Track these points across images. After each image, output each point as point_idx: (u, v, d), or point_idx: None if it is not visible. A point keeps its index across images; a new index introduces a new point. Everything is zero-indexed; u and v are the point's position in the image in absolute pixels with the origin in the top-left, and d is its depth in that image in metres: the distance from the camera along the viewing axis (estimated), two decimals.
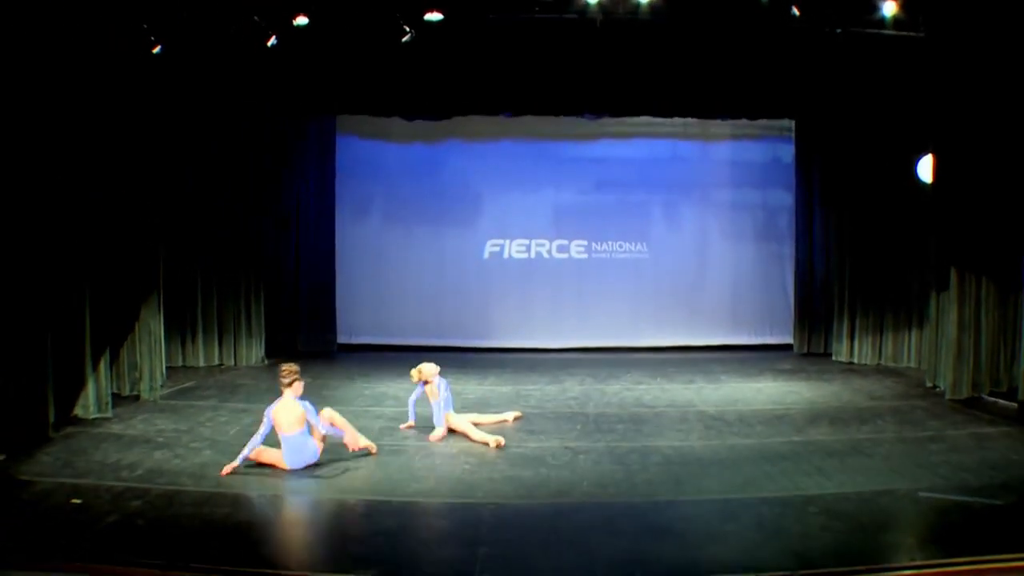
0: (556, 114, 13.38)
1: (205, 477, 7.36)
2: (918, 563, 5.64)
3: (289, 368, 7.66)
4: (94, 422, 9.16)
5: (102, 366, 9.47)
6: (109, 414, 9.42)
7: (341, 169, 14.34)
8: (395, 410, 9.82)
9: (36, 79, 8.42)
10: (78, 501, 6.65)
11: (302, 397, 7.63)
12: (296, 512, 6.55)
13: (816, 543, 5.92)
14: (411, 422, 9.11)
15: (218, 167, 12.80)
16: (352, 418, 8.30)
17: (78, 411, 9.20)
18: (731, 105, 12.94)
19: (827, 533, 6.11)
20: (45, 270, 8.56)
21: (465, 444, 8.54)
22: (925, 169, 11.72)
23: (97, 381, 9.37)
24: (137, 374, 10.43)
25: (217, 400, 10.50)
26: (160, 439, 8.59)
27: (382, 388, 10.96)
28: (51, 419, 8.53)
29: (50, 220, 8.62)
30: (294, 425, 7.51)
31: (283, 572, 5.40)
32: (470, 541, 5.95)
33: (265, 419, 7.53)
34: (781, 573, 5.43)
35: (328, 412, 7.87)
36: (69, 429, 8.82)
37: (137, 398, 10.36)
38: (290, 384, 7.58)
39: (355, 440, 7.80)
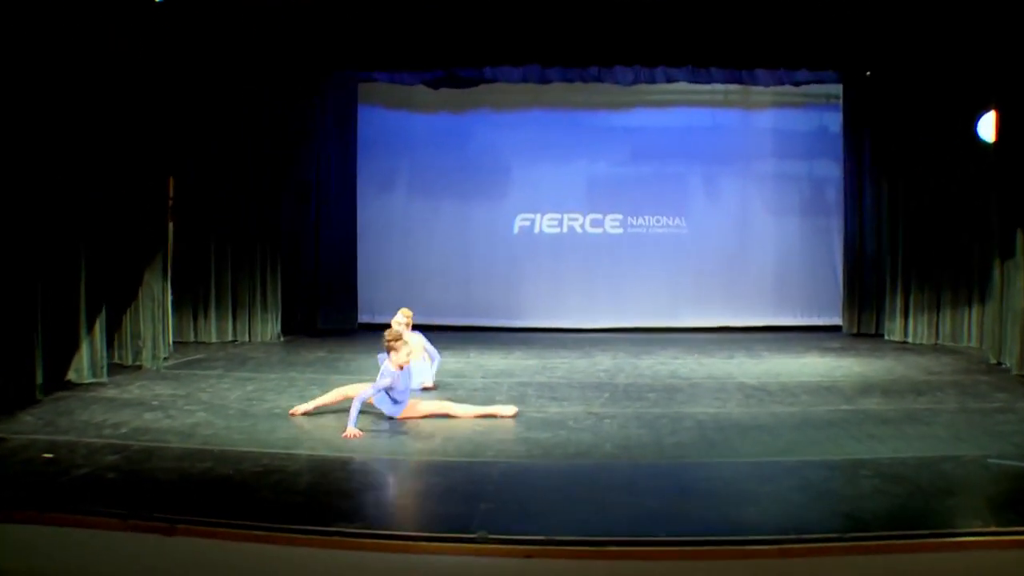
0: (585, 65, 12.59)
1: (193, 435, 6.78)
2: (993, 529, 4.84)
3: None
4: (88, 387, 8.62)
5: (97, 330, 8.91)
6: (104, 379, 8.88)
7: (364, 140, 13.76)
8: None
9: (40, 25, 7.94)
10: (49, 455, 6.15)
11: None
12: (286, 467, 5.92)
13: (869, 505, 5.17)
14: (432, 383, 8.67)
15: (231, 135, 12.20)
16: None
17: (71, 376, 8.67)
18: (774, 57, 12.06)
19: (882, 496, 5.35)
20: (33, 228, 7.99)
21: None
22: (987, 127, 10.81)
23: (92, 345, 8.82)
24: (140, 342, 9.89)
25: (223, 370, 9.95)
26: (155, 402, 8.03)
27: None
28: (39, 381, 7.98)
29: (39, 174, 8.07)
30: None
31: (261, 524, 4.77)
32: (471, 497, 5.29)
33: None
34: (829, 535, 4.69)
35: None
36: (60, 393, 8.29)
37: (140, 368, 9.81)
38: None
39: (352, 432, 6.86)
